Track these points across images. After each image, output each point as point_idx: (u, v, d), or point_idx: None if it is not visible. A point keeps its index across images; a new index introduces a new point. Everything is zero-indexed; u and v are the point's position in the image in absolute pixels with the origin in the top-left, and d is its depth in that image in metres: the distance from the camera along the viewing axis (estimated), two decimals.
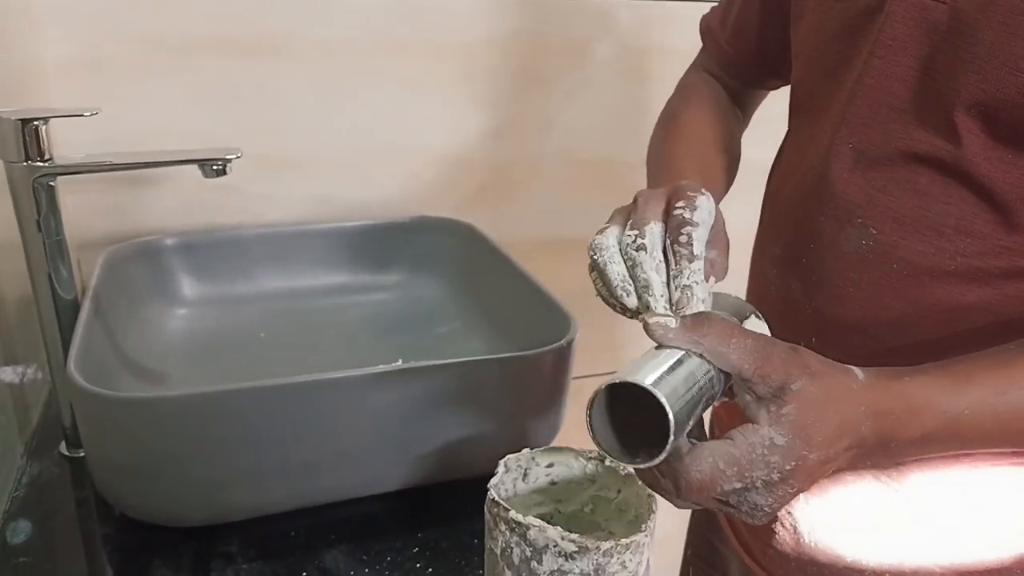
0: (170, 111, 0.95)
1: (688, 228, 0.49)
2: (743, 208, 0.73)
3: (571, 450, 0.65)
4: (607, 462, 0.63)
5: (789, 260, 0.65)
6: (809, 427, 0.43)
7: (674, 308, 0.47)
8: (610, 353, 1.26)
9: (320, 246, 0.94)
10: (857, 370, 0.47)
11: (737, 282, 0.71)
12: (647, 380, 0.41)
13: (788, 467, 0.43)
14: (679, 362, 0.44)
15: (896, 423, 0.46)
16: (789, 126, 0.72)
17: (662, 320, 0.44)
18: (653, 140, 0.74)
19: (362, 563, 0.67)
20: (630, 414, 0.44)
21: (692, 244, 0.48)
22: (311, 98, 1.00)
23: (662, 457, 0.41)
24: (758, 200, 0.75)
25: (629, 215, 0.52)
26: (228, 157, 0.73)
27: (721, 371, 0.45)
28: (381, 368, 0.64)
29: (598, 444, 0.44)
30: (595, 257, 0.51)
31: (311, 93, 1.00)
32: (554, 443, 0.73)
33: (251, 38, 0.96)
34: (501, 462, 0.61)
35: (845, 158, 0.60)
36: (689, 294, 0.47)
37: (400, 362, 0.66)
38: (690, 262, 0.48)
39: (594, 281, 0.53)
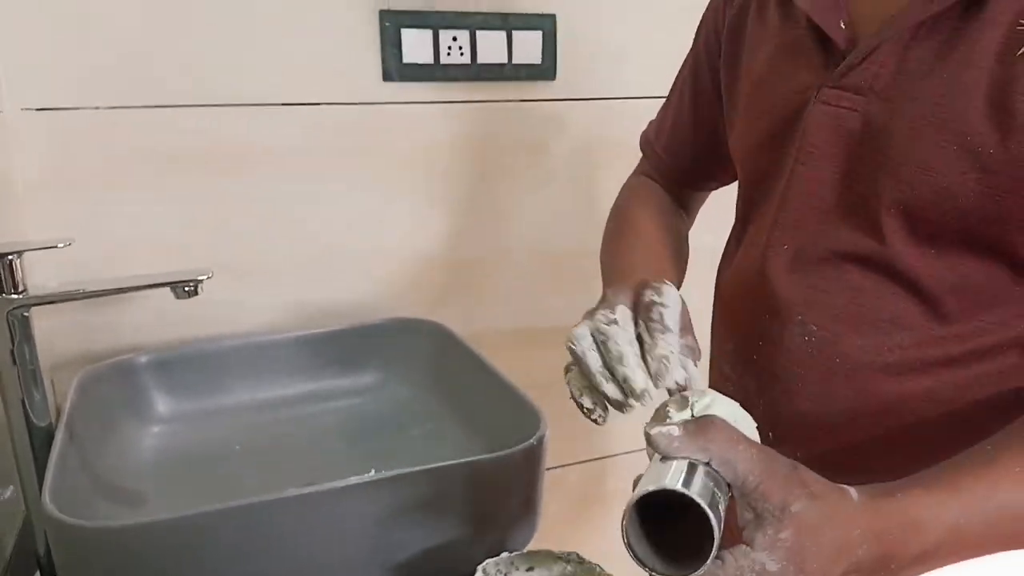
0: (141, 226, 0.97)
1: (659, 308, 0.52)
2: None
3: (550, 553, 0.66)
4: (598, 569, 0.64)
5: (742, 357, 0.68)
6: (805, 553, 0.42)
7: (653, 378, 0.49)
8: (586, 442, 1.27)
9: (292, 354, 0.96)
10: (852, 490, 0.46)
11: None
12: (678, 487, 0.41)
13: None
14: (692, 469, 0.43)
15: (894, 542, 0.46)
16: (733, 226, 0.76)
17: (665, 430, 0.44)
18: (604, 242, 0.78)
19: None
20: (653, 529, 0.43)
21: (664, 320, 0.51)
22: (279, 205, 1.03)
23: (707, 565, 0.41)
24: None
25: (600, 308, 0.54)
26: (199, 278, 0.76)
27: (724, 479, 0.44)
28: (354, 480, 0.65)
29: (638, 561, 0.43)
30: (573, 347, 0.53)
31: (279, 200, 1.03)
32: (533, 542, 0.74)
33: (220, 151, 0.99)
34: (479, 568, 0.62)
35: (782, 259, 0.63)
36: (666, 363, 0.50)
37: (373, 472, 0.67)
38: (663, 334, 0.50)
39: (568, 383, 0.54)
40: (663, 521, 0.43)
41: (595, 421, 0.53)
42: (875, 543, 0.45)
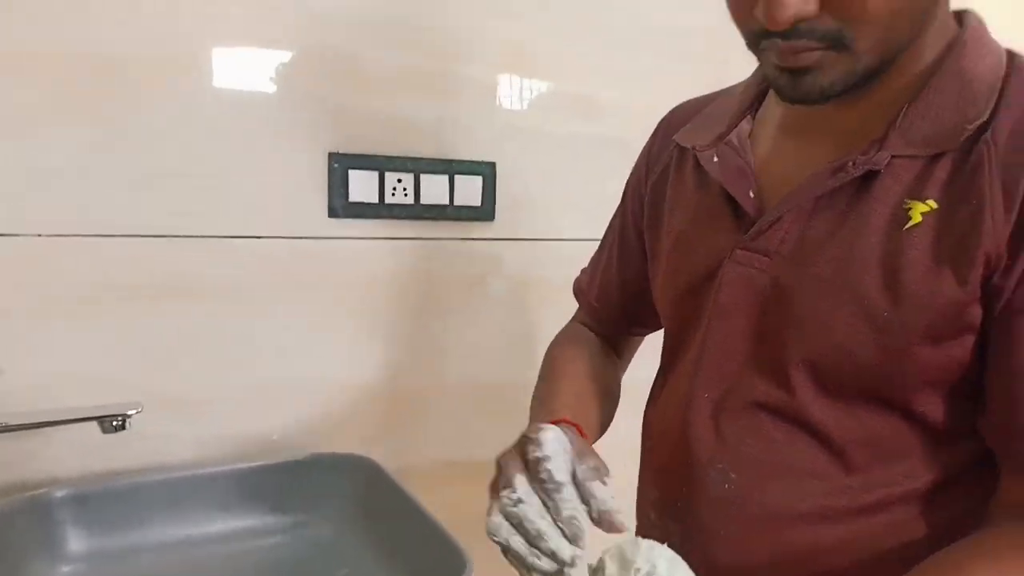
0: (70, 356, 0.96)
1: (543, 464, 0.54)
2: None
3: None
4: None
5: (666, 504, 0.70)
6: None
7: (572, 540, 0.51)
8: None
9: (216, 490, 0.94)
10: None
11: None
12: None
13: None
14: None
15: None
16: (658, 370, 0.79)
17: None
18: (536, 387, 0.80)
19: None
20: None
21: (553, 476, 0.53)
22: (212, 337, 1.04)
23: None
24: None
25: (498, 485, 0.56)
26: (128, 412, 0.75)
27: None
28: None
29: None
30: (496, 539, 0.54)
31: (212, 332, 1.04)
32: None
33: (152, 281, 1.00)
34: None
35: (702, 408, 0.67)
36: (576, 524, 0.51)
37: None
38: (558, 492, 0.52)
39: (511, 563, 0.56)
40: None
41: None
42: None
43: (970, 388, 0.58)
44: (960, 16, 0.62)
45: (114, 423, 0.75)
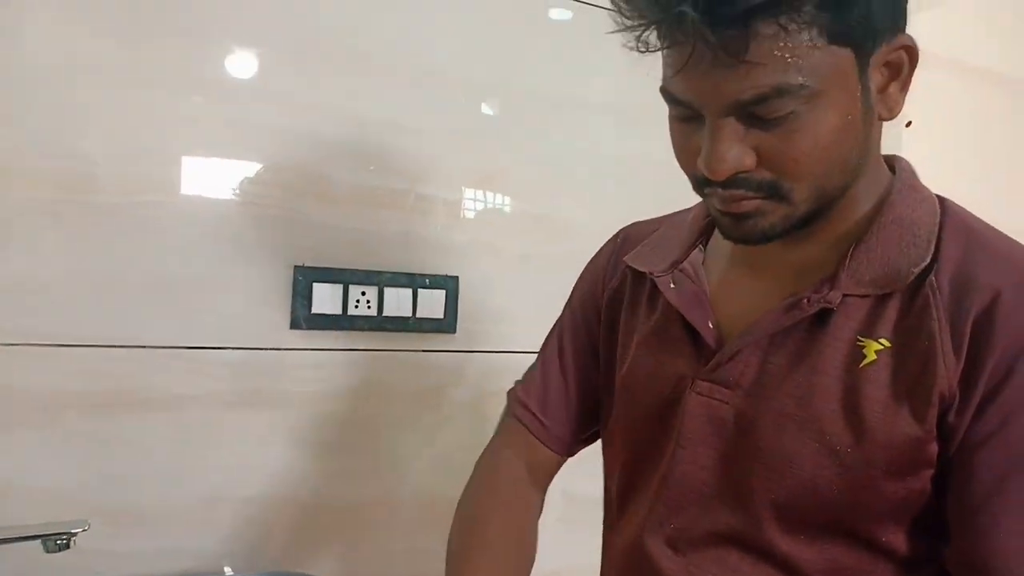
0: (14, 467, 0.93)
1: None
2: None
3: None
4: None
5: None
6: None
7: None
8: None
9: None
10: None
11: None
12: None
13: None
14: None
15: None
16: (608, 504, 0.78)
17: None
18: (450, 548, 0.76)
19: None
20: None
21: None
22: (167, 449, 1.02)
23: None
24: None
25: None
26: (73, 531, 0.73)
27: None
28: None
29: None
30: None
31: (167, 444, 1.02)
32: None
33: (109, 391, 0.99)
34: None
35: (662, 538, 0.66)
36: None
37: None
38: None
39: None
40: None
41: None
42: None
43: (932, 518, 0.60)
44: (891, 162, 0.67)
45: (58, 542, 0.72)
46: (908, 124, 1.80)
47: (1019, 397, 0.56)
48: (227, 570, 1.05)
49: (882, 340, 0.59)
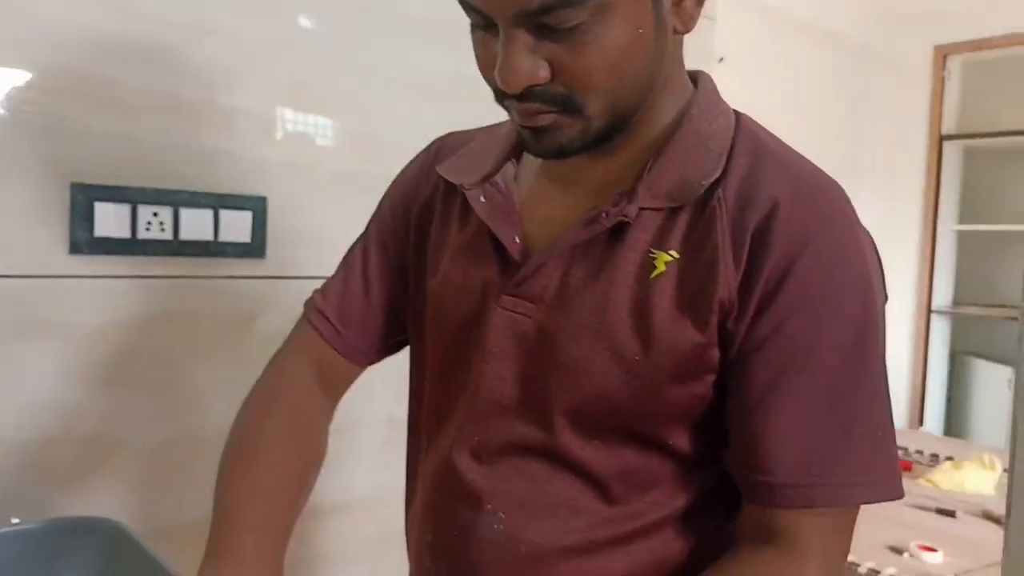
0: None
1: None
2: None
3: None
4: None
5: (439, 547, 0.69)
6: None
7: None
8: None
9: None
10: None
11: None
12: None
13: None
14: None
15: None
16: (411, 414, 0.78)
17: None
18: (224, 461, 0.73)
19: None
20: None
21: None
22: None
23: None
24: None
25: None
26: None
27: None
28: None
29: None
30: None
31: None
32: None
33: None
34: None
35: (471, 451, 0.67)
36: None
37: None
38: None
39: None
40: None
41: None
42: None
43: (714, 421, 0.64)
44: (695, 77, 0.68)
45: None
46: (720, 60, 1.88)
47: (791, 304, 0.59)
48: (14, 520, 0.95)
49: (672, 252, 0.61)
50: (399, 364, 0.80)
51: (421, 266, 0.75)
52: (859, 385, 0.61)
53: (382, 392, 0.99)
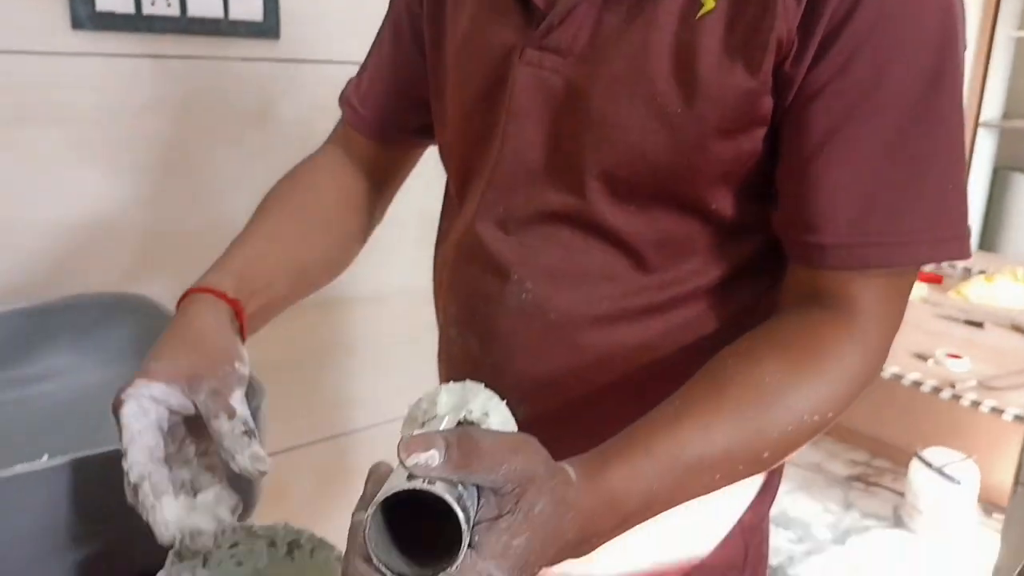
0: None
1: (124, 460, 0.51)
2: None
3: (257, 528, 0.60)
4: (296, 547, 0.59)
5: (465, 319, 0.68)
6: (531, 555, 0.42)
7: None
8: (326, 419, 1.22)
9: None
10: (570, 471, 0.46)
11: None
12: (423, 485, 0.38)
13: None
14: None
15: (597, 520, 0.47)
16: (446, 187, 0.74)
17: (423, 458, 0.39)
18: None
19: None
20: (407, 536, 0.40)
21: (128, 475, 0.50)
22: None
23: (454, 568, 0.38)
24: None
25: None
26: None
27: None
28: (21, 469, 0.55)
29: (378, 563, 0.38)
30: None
31: None
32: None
33: None
34: (171, 552, 0.55)
35: (495, 220, 0.64)
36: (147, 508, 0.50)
37: (46, 458, 0.57)
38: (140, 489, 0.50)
39: None
40: (418, 530, 0.40)
41: None
42: (583, 525, 0.46)
43: (760, 183, 0.58)
44: None
45: None
46: None
47: (858, 41, 0.52)
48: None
49: None
50: (431, 157, 0.76)
51: (440, 33, 0.69)
52: (930, 133, 0.54)
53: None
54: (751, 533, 0.69)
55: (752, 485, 0.68)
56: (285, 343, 0.59)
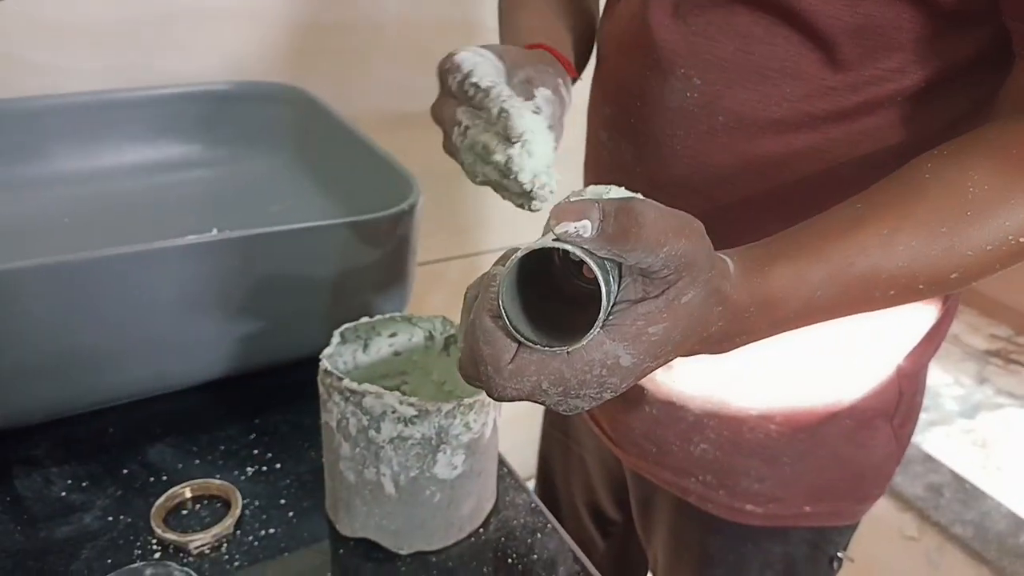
0: None
1: (467, 81, 0.49)
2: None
3: (414, 318, 0.61)
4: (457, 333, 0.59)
5: (619, 121, 0.62)
6: (665, 346, 0.37)
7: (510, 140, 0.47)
8: (464, 237, 1.21)
9: (126, 118, 0.82)
10: (730, 263, 0.41)
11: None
12: (566, 246, 0.34)
13: (624, 384, 0.37)
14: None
15: (749, 319, 0.42)
16: None
17: (574, 226, 0.35)
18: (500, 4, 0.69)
19: (192, 454, 0.62)
20: (537, 311, 0.37)
21: (479, 84, 0.49)
22: None
23: (585, 341, 0.34)
24: None
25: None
26: None
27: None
28: (193, 239, 0.57)
29: (506, 321, 0.35)
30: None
31: None
32: None
33: None
34: (336, 332, 0.56)
35: (664, 5, 0.56)
36: (507, 119, 0.47)
37: (215, 231, 0.59)
38: (488, 96, 0.48)
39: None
40: (543, 315, 0.37)
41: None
42: (731, 321, 0.41)
43: None
44: None
45: None
46: None
47: None
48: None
49: None
50: None
51: None
52: None
53: None
54: (908, 381, 0.64)
55: (917, 328, 0.62)
56: (431, 147, 0.56)
